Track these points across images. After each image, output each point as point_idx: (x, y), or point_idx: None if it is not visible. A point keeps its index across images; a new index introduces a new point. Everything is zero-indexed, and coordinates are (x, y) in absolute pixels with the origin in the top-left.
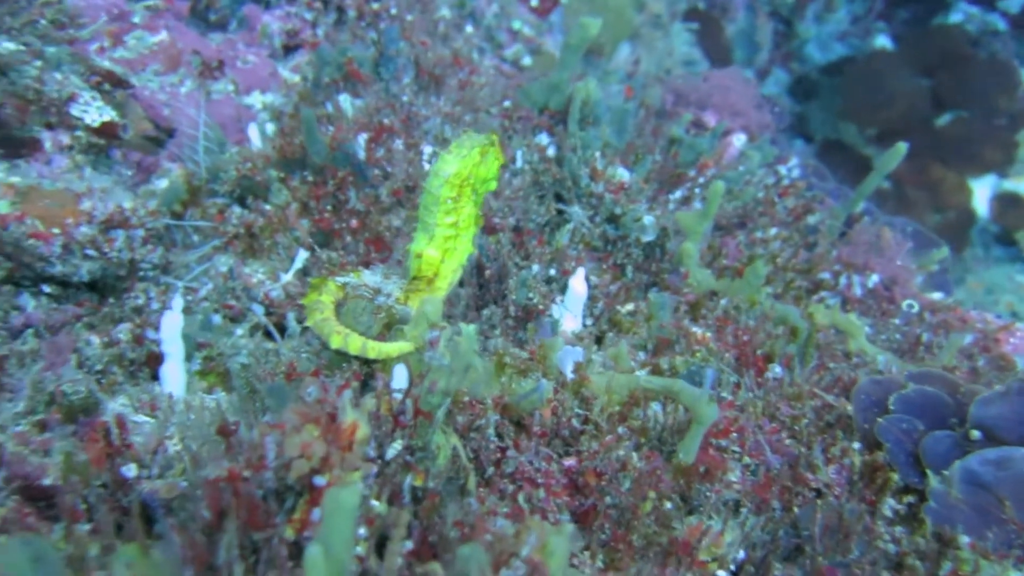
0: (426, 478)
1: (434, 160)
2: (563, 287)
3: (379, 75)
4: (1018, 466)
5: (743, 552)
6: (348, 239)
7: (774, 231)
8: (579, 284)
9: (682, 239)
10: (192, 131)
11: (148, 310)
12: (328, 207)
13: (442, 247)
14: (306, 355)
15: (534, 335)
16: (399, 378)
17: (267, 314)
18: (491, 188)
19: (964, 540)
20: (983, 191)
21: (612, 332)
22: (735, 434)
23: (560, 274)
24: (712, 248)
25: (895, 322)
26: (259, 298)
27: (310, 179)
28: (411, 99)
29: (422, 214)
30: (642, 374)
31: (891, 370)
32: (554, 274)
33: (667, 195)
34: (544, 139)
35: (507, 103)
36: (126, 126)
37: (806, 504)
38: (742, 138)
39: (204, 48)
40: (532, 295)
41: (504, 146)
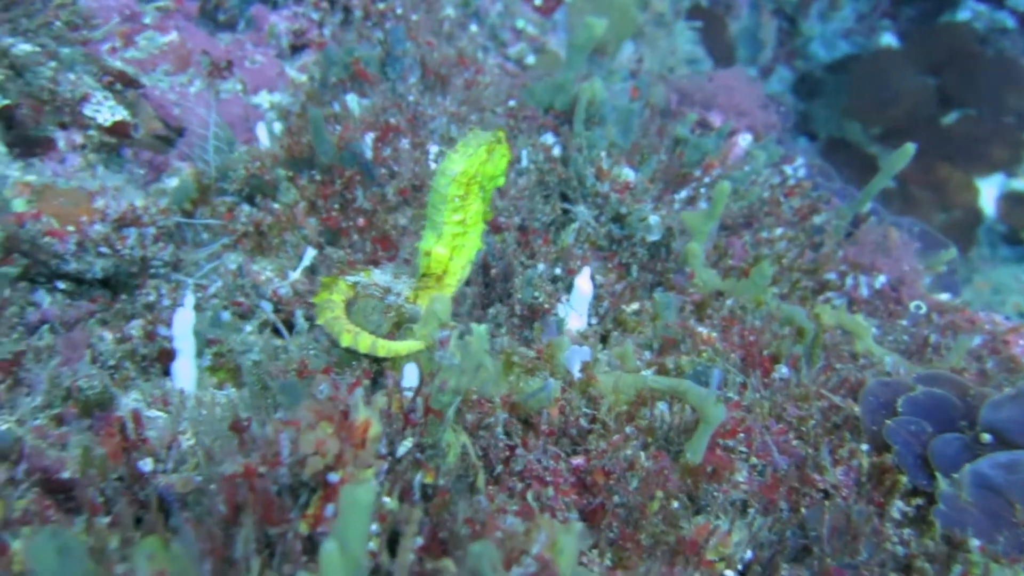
0: (436, 475)
1: (441, 159)
2: (568, 286)
3: (385, 75)
4: None
5: (750, 552)
6: (355, 237)
7: (780, 231)
8: (584, 283)
9: (687, 239)
10: (202, 130)
11: (159, 307)
12: (335, 206)
13: (450, 244)
14: (315, 352)
15: (540, 334)
16: (410, 376)
17: (275, 311)
18: (499, 184)
19: (974, 543)
20: (990, 190)
21: (617, 331)
22: (742, 434)
23: (565, 273)
24: (718, 248)
25: (902, 323)
26: (268, 295)
27: (318, 178)
28: (417, 98)
29: (430, 212)
30: (649, 374)
31: (899, 372)
32: (559, 273)
33: (672, 195)
34: (550, 139)
35: (512, 103)
36: (137, 125)
37: (814, 505)
38: (747, 138)
39: (213, 48)
40: (538, 294)
41: (510, 143)
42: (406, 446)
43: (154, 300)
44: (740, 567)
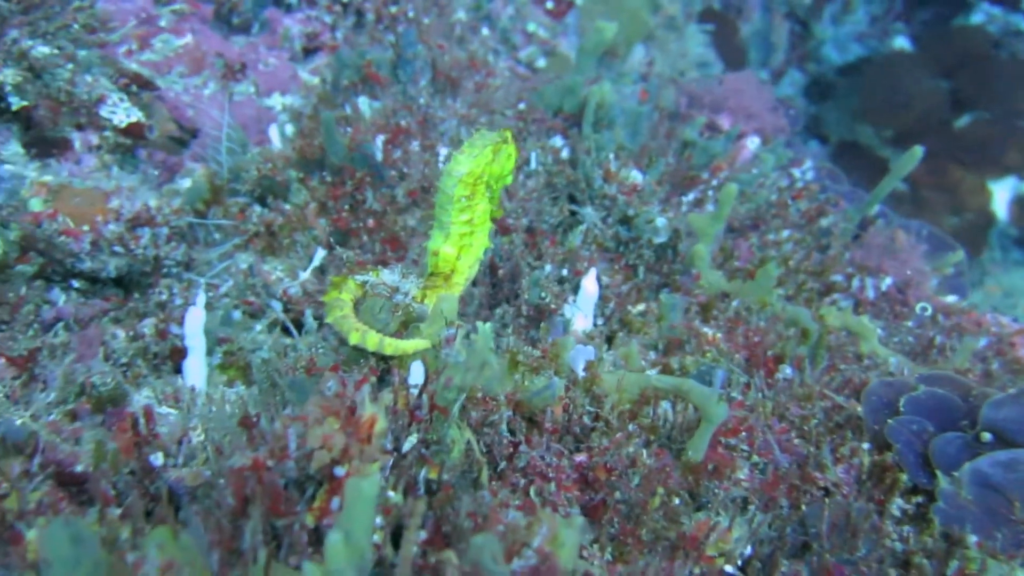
0: (441, 471)
1: (448, 159)
2: (575, 287)
3: (397, 77)
4: None
5: (750, 548)
6: (365, 238)
7: (787, 233)
8: (591, 284)
9: (694, 241)
10: (215, 132)
11: (172, 305)
12: (346, 207)
13: (458, 244)
14: (324, 351)
15: (546, 334)
16: (416, 374)
17: (285, 311)
18: (506, 183)
19: (972, 539)
20: (1003, 193)
21: (623, 332)
22: (744, 433)
23: (572, 274)
24: (724, 250)
25: (908, 325)
26: (278, 295)
27: (328, 179)
28: (428, 101)
29: (437, 213)
30: (653, 373)
31: (903, 372)
32: (566, 274)
33: (680, 197)
34: (558, 141)
35: (522, 105)
36: (152, 127)
37: (814, 502)
38: (756, 141)
39: (227, 51)
40: (544, 295)
41: (518, 143)
42: (411, 442)
43: (166, 299)
44: (740, 563)
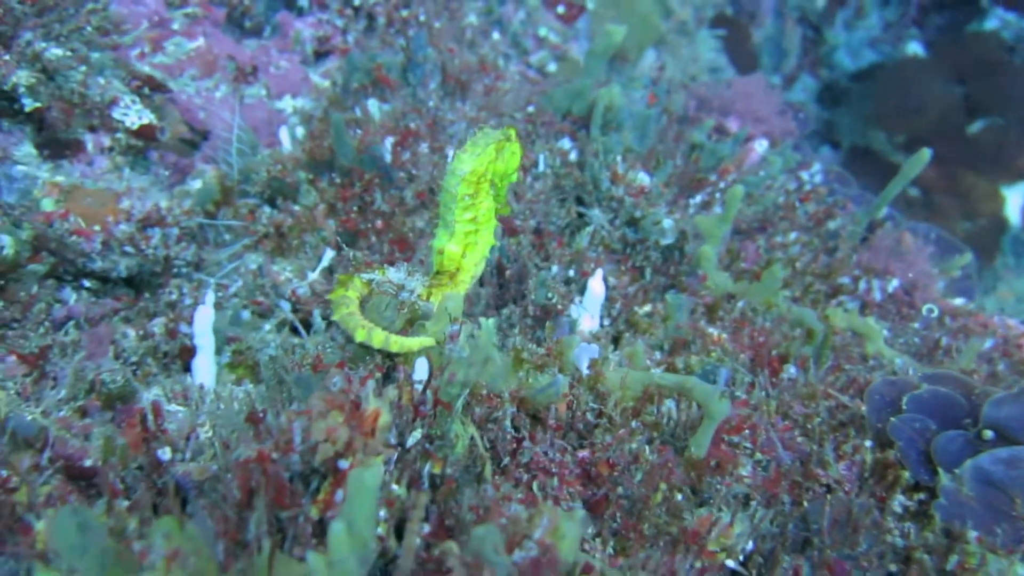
0: (444, 465)
1: (451, 158)
2: (582, 288)
3: (407, 80)
4: None
5: (752, 543)
6: (373, 239)
7: (794, 236)
8: (597, 285)
9: (701, 243)
10: (226, 134)
11: (181, 305)
12: (354, 208)
13: (462, 242)
14: (331, 349)
15: (552, 333)
16: (420, 370)
17: (294, 311)
18: (512, 181)
19: (972, 535)
20: (1016, 199)
21: (629, 332)
22: (747, 431)
23: (579, 275)
24: (731, 252)
25: (914, 326)
26: (287, 295)
27: (338, 181)
28: (437, 104)
29: (442, 211)
30: (657, 371)
31: (908, 373)
32: (573, 275)
33: (687, 199)
34: (566, 144)
35: (531, 108)
36: (163, 129)
37: (816, 499)
38: (764, 144)
39: (239, 54)
40: (551, 295)
41: (523, 141)
42: (415, 437)
43: (176, 299)
44: (741, 558)
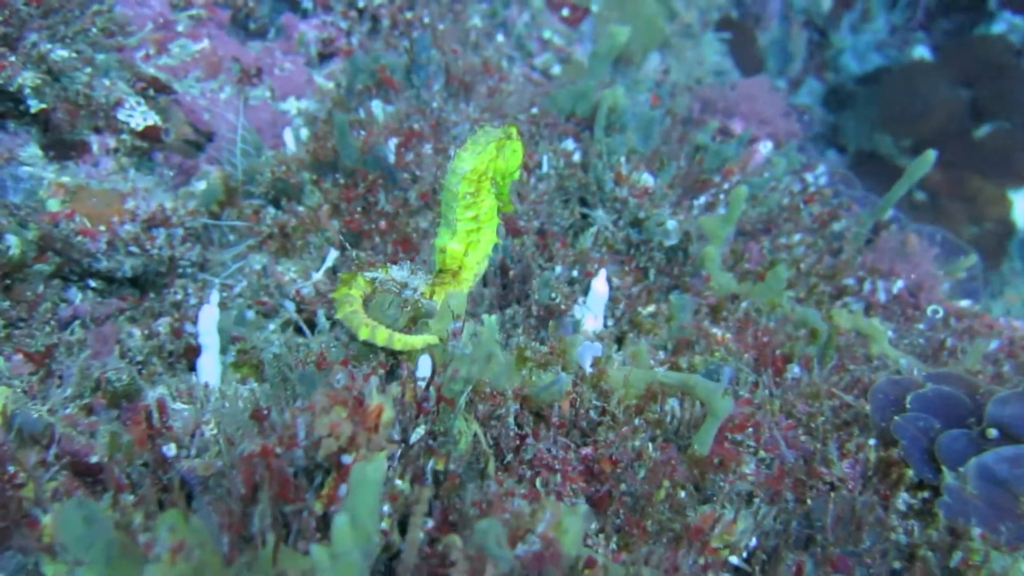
0: (447, 461)
1: (452, 157)
2: (585, 288)
3: (410, 82)
4: None
5: (755, 540)
6: (377, 240)
7: (798, 237)
8: (601, 285)
9: (705, 244)
10: (230, 135)
11: (186, 305)
12: (358, 209)
13: (464, 241)
14: (335, 347)
15: (555, 333)
16: (423, 367)
17: (298, 311)
18: (514, 179)
19: (976, 532)
20: (1023, 203)
21: (633, 333)
22: (751, 429)
23: (583, 276)
24: (735, 253)
25: (919, 327)
26: (291, 295)
27: (341, 182)
28: (441, 105)
29: (444, 210)
30: (660, 370)
31: (912, 372)
32: (577, 276)
33: (691, 200)
34: (570, 145)
35: (535, 110)
36: (168, 130)
37: (819, 496)
38: (768, 146)
39: (243, 56)
40: (555, 295)
41: (524, 140)
42: (419, 433)
43: (181, 299)
44: (745, 554)
